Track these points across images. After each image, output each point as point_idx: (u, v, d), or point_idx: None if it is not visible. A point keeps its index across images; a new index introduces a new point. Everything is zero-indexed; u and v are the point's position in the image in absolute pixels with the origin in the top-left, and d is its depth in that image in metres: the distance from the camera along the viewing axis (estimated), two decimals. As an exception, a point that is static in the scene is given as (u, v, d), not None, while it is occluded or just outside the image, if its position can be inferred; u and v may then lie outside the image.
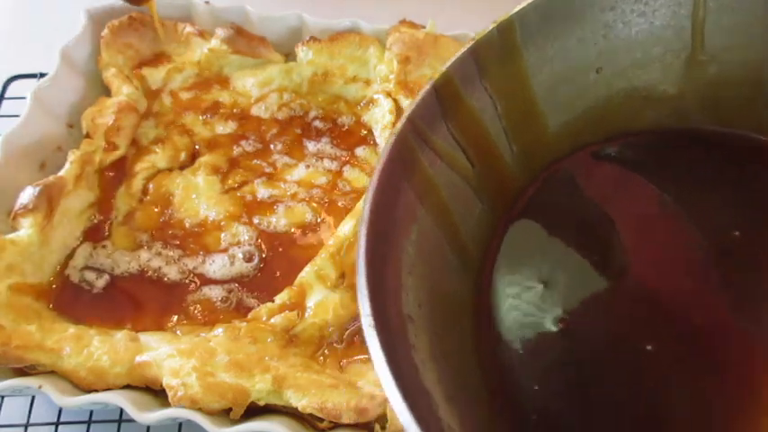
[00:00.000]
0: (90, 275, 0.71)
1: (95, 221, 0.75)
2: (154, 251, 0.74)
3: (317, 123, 0.86)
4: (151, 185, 0.78)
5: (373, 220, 0.38)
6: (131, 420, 0.61)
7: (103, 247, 0.74)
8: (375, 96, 0.85)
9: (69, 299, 0.70)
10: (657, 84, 0.51)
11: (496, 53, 0.48)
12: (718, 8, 0.48)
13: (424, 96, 0.45)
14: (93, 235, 0.74)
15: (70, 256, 0.72)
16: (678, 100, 0.52)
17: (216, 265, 0.73)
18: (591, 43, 0.49)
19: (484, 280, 0.47)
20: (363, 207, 0.39)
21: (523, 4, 0.48)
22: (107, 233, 0.75)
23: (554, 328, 0.45)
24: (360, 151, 0.83)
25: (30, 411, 0.68)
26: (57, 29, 0.86)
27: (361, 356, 0.67)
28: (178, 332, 0.67)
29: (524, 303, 0.47)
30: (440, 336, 0.41)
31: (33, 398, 0.69)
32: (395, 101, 0.83)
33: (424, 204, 0.43)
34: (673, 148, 0.53)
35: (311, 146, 0.83)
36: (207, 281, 0.72)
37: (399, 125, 0.43)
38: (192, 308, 0.70)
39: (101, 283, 0.71)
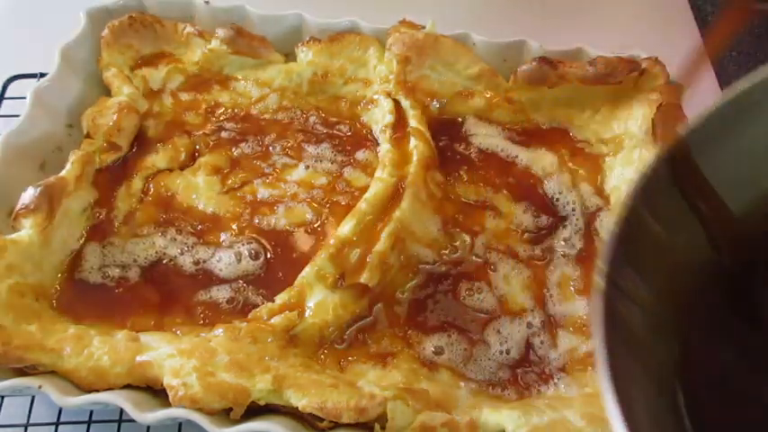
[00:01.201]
0: (113, 272, 0.72)
1: (97, 221, 0.75)
2: (169, 237, 0.75)
3: (317, 124, 0.86)
4: (151, 185, 0.78)
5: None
6: (131, 420, 0.61)
7: (111, 244, 0.74)
8: (375, 96, 0.85)
9: (78, 300, 0.70)
10: None
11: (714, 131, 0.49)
12: None
13: (655, 165, 0.47)
14: (96, 235, 0.74)
15: (76, 257, 0.73)
16: None
17: (223, 263, 0.73)
18: None
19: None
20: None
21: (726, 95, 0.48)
22: (110, 232, 0.75)
23: None
24: (360, 152, 0.83)
25: (30, 411, 0.69)
26: (57, 29, 0.86)
27: (362, 356, 0.67)
28: (178, 332, 0.67)
29: None
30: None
31: (33, 398, 0.69)
32: (395, 101, 0.83)
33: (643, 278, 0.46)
34: None
35: (311, 147, 0.83)
36: (215, 279, 0.72)
37: (630, 190, 0.46)
38: (198, 308, 0.70)
39: (133, 275, 0.72)
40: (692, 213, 0.49)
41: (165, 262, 0.73)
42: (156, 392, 0.64)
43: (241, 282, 0.72)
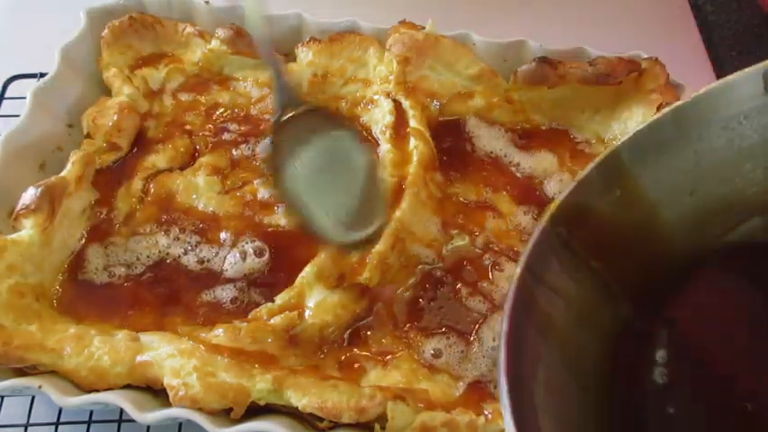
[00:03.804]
0: (119, 270, 0.72)
1: (97, 221, 0.75)
2: (172, 236, 0.75)
3: (317, 124, 0.86)
4: (152, 186, 0.78)
5: (509, 367, 0.40)
6: (131, 420, 0.61)
7: (113, 244, 0.74)
8: (375, 97, 0.85)
9: (78, 300, 0.70)
10: (749, 192, 0.52)
11: (600, 186, 0.50)
12: None
13: (541, 235, 0.48)
14: (96, 235, 0.74)
15: (77, 257, 0.72)
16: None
17: (228, 262, 0.73)
18: (683, 171, 0.51)
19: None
20: (498, 356, 0.41)
21: (623, 139, 0.50)
22: (110, 232, 0.75)
23: None
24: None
25: (30, 411, 0.69)
26: (57, 29, 0.86)
27: (361, 356, 0.67)
28: (179, 331, 0.67)
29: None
30: None
31: (33, 398, 0.69)
32: (395, 101, 0.83)
33: (545, 340, 0.45)
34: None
35: (311, 146, 0.83)
36: (221, 279, 0.72)
37: (518, 270, 0.45)
38: (200, 309, 0.70)
39: (137, 274, 0.72)
40: (586, 271, 0.49)
41: (168, 261, 0.73)
42: (156, 392, 0.64)
43: (245, 281, 0.72)
